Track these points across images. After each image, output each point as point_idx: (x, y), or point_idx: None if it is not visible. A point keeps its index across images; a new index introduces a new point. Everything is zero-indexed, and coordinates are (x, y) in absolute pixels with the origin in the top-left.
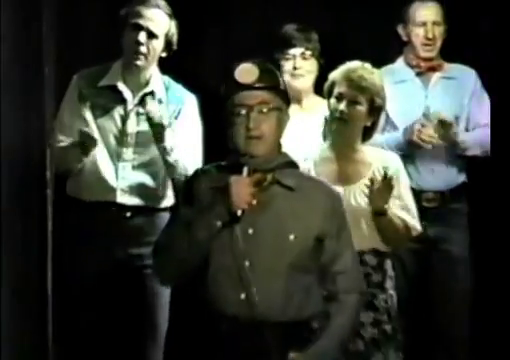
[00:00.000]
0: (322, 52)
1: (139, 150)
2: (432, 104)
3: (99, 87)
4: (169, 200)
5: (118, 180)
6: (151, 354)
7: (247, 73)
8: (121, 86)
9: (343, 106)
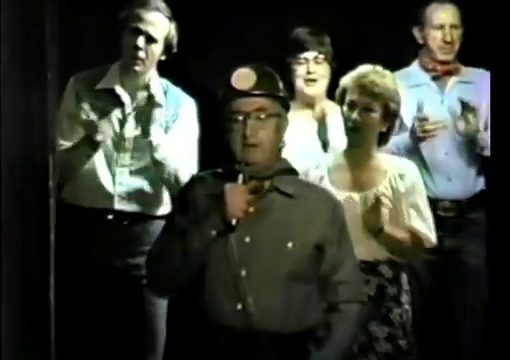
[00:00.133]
0: (334, 56)
1: (137, 155)
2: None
3: (96, 90)
4: (166, 207)
5: (115, 186)
6: None
7: (244, 79)
8: (119, 90)
9: (356, 114)
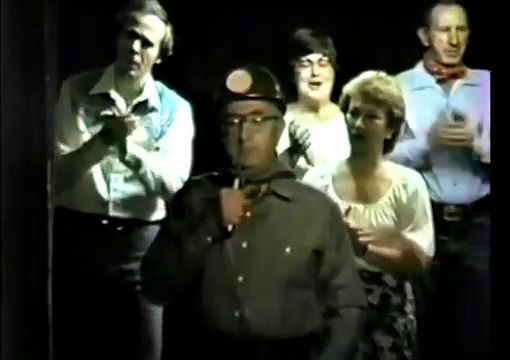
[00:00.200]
0: (337, 58)
1: None
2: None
3: (91, 94)
4: (161, 213)
5: (110, 192)
6: None
7: (239, 81)
8: (114, 94)
9: (360, 122)
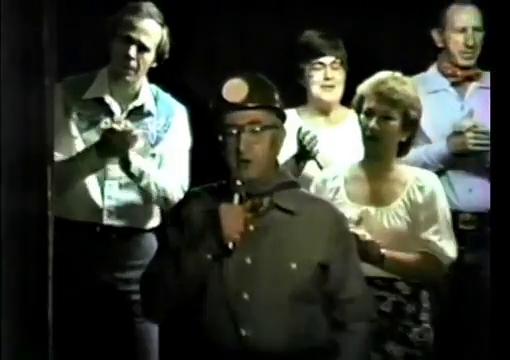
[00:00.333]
0: (348, 60)
1: None
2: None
3: (84, 99)
4: (156, 220)
5: (104, 200)
6: None
7: (236, 91)
8: (108, 99)
9: (374, 123)
